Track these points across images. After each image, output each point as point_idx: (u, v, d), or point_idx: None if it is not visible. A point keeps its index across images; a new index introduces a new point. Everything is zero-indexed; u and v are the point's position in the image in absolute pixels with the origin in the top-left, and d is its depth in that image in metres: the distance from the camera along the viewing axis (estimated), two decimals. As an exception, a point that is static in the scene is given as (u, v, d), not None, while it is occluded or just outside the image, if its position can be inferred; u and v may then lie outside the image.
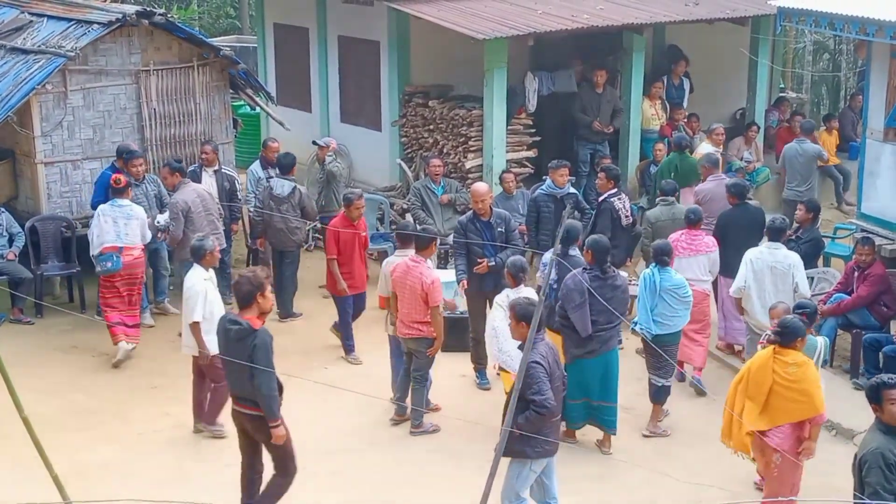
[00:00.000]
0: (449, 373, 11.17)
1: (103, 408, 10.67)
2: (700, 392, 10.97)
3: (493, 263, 10.83)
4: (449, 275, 11.59)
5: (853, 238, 12.79)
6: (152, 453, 9.74)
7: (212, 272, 9.97)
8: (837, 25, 12.63)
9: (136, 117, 13.47)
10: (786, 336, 8.23)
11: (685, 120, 16.31)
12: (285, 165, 12.92)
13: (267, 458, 8.39)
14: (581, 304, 9.45)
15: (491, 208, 11.20)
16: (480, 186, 11.43)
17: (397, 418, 10.41)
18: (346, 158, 15.76)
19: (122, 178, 11.90)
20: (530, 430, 7.72)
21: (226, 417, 9.06)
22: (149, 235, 12.04)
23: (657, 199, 12.60)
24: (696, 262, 11.02)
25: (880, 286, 11.41)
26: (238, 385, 8.17)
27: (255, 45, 19.11)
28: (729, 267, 11.14)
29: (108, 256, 11.58)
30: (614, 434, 9.95)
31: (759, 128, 16.62)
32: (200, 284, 9.68)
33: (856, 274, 11.61)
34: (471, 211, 11.40)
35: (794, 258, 10.77)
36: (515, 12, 14.51)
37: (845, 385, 11.20)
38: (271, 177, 13.22)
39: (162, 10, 14.07)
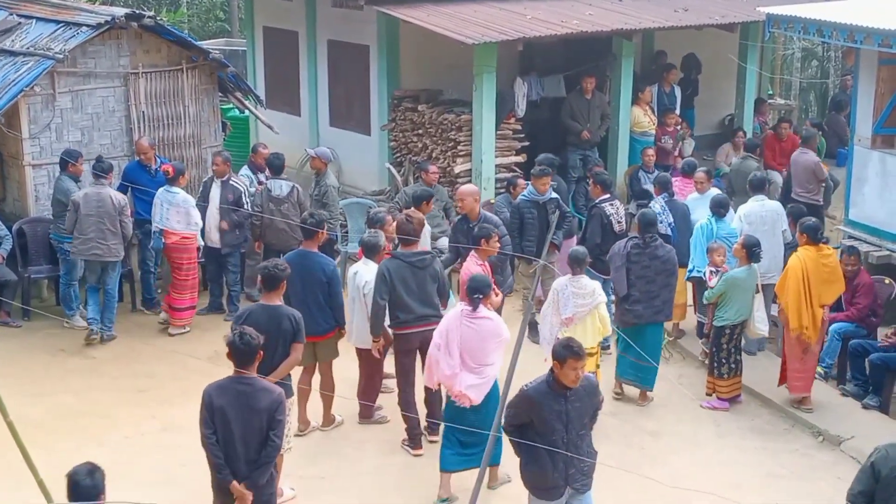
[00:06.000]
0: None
1: (90, 411, 10.64)
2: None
3: None
4: None
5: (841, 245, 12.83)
6: (139, 456, 9.72)
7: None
8: (826, 32, 12.66)
9: (124, 120, 13.45)
10: (817, 234, 10.64)
11: (677, 126, 16.37)
12: (277, 166, 12.95)
13: None
14: (619, 268, 10.71)
15: (480, 213, 11.26)
16: (466, 187, 11.64)
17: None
18: (334, 163, 15.73)
19: (171, 168, 12.43)
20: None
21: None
22: (199, 224, 12.38)
23: (741, 155, 14.98)
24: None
25: (872, 298, 11.44)
26: (424, 305, 9.71)
27: (245, 49, 19.08)
28: None
29: (154, 235, 12.55)
30: (649, 390, 11.02)
31: (745, 133, 16.68)
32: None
33: None
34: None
35: (779, 207, 12.26)
36: (505, 17, 14.52)
37: (832, 392, 11.24)
38: (262, 182, 13.22)
39: (151, 13, 14.02)
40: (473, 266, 9.92)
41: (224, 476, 7.19)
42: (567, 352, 7.18)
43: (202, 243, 12.64)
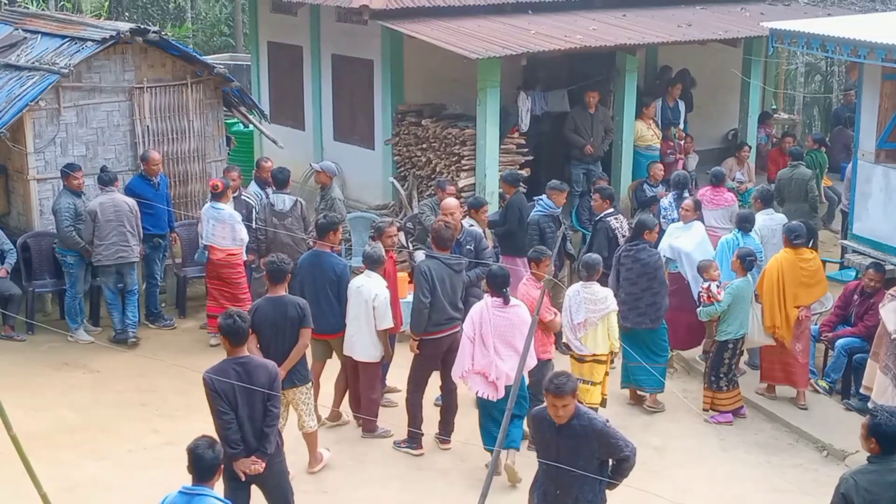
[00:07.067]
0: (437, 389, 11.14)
1: (93, 424, 10.64)
2: None
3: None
4: None
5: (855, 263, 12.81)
6: (142, 470, 9.71)
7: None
8: (829, 47, 12.66)
9: (129, 134, 13.48)
10: (801, 238, 11.08)
11: (679, 140, 16.37)
12: (282, 181, 12.97)
13: None
14: (611, 270, 11.08)
15: (462, 227, 11.29)
16: (450, 201, 11.71)
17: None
18: (338, 177, 15.75)
19: (220, 183, 12.52)
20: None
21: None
22: (244, 239, 12.39)
23: (791, 164, 14.84)
24: (718, 213, 13.25)
25: None
26: (453, 308, 9.94)
27: (249, 63, 19.12)
28: None
29: (199, 250, 12.70)
30: (644, 392, 11.15)
31: (750, 148, 16.69)
32: (385, 292, 10.07)
33: (856, 298, 11.59)
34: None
35: (786, 220, 12.35)
36: (509, 32, 14.55)
37: (837, 406, 11.22)
38: (268, 195, 13.24)
39: (156, 28, 14.07)
40: (532, 290, 9.99)
41: (237, 452, 7.54)
42: (549, 385, 6.83)
43: (246, 258, 12.71)
